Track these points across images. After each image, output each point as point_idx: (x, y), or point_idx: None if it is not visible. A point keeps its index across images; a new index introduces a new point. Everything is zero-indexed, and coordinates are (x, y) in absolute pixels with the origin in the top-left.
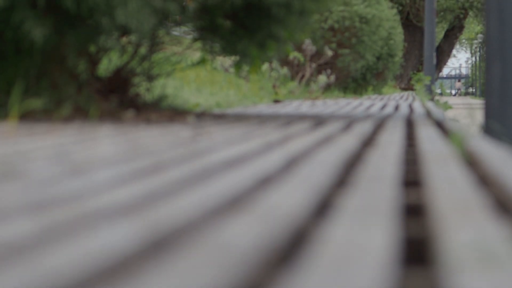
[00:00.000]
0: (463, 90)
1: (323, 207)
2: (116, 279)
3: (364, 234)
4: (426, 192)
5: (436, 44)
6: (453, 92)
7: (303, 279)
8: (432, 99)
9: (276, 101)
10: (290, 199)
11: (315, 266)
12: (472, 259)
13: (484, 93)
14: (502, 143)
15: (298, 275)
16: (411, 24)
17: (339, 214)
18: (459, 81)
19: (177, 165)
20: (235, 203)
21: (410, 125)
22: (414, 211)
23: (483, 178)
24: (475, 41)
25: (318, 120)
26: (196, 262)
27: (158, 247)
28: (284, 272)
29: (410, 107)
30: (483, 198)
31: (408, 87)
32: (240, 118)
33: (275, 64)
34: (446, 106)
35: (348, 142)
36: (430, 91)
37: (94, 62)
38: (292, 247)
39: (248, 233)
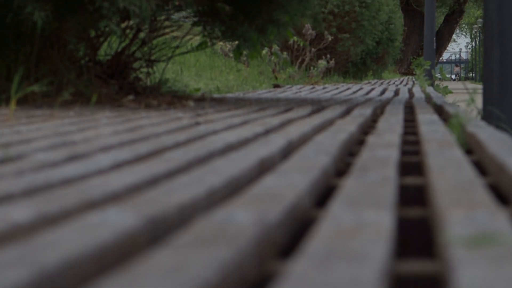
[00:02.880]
0: (463, 75)
1: (321, 190)
2: (125, 256)
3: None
4: (426, 175)
5: (436, 28)
6: (453, 77)
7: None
8: (432, 84)
9: (276, 86)
10: (288, 182)
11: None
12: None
13: (483, 78)
14: (501, 128)
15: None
16: (411, 9)
17: (336, 199)
18: (457, 66)
19: (177, 149)
20: (235, 185)
21: (409, 110)
22: (414, 194)
23: (481, 161)
24: (475, 26)
25: (318, 105)
26: (199, 238)
27: (163, 226)
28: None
29: (410, 92)
30: (481, 180)
31: (408, 72)
32: (239, 102)
33: (275, 48)
34: (446, 91)
35: (348, 127)
36: (430, 75)
37: (94, 47)
38: (289, 227)
39: (247, 213)
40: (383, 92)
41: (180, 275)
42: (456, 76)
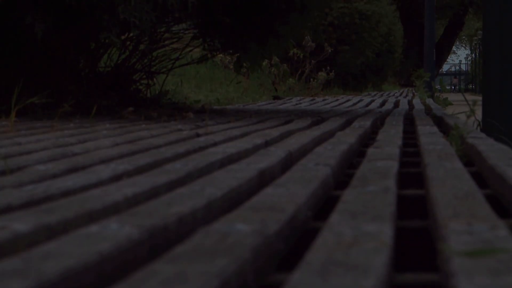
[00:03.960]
0: (462, 86)
1: (321, 202)
2: (125, 267)
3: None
4: (426, 186)
5: (436, 40)
6: (452, 87)
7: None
8: (432, 96)
9: (276, 98)
10: (288, 194)
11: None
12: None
13: (483, 90)
14: (500, 139)
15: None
16: (411, 21)
17: (335, 212)
18: (455, 77)
19: (178, 161)
20: (235, 197)
21: (409, 122)
22: (414, 205)
23: (481, 173)
24: (475, 38)
25: (318, 117)
26: (199, 249)
27: (163, 237)
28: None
29: (410, 104)
30: (480, 190)
31: (408, 84)
32: (239, 114)
33: (275, 60)
34: (446, 103)
35: (348, 138)
36: (430, 87)
37: (94, 58)
38: (289, 238)
39: (247, 224)
40: (383, 104)
41: (181, 285)
42: (454, 87)
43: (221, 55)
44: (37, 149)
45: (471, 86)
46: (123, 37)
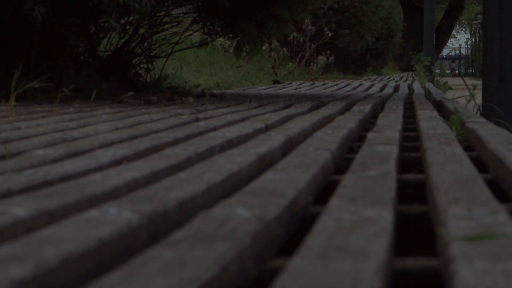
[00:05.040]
0: (462, 71)
1: (321, 187)
2: (125, 251)
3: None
4: (426, 171)
5: (436, 24)
6: (448, 72)
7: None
8: (431, 80)
9: (276, 82)
10: (288, 179)
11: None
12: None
13: (483, 74)
14: (500, 124)
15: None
16: (411, 5)
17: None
18: (453, 62)
19: (177, 145)
20: (235, 181)
21: (409, 106)
22: (414, 190)
23: (481, 157)
24: (475, 22)
25: (318, 101)
26: (199, 234)
27: (163, 222)
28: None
29: (410, 88)
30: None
31: (408, 68)
32: (239, 98)
33: (275, 44)
34: (446, 87)
35: (347, 123)
36: (429, 71)
37: (94, 43)
38: (289, 222)
39: (247, 209)
40: (383, 88)
41: (180, 270)
42: (452, 71)
43: (221, 39)
44: (36, 133)
45: (471, 71)
46: (122, 21)
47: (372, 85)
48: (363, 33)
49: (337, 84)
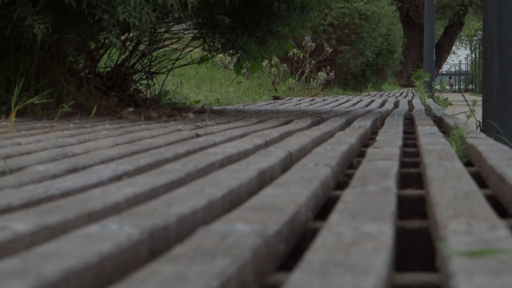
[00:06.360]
0: (462, 87)
1: (321, 202)
2: (125, 267)
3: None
4: (426, 186)
5: (436, 40)
6: (447, 87)
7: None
8: (431, 96)
9: (276, 98)
10: (288, 194)
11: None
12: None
13: (483, 90)
14: (500, 140)
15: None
16: (411, 21)
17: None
18: (450, 78)
19: (178, 161)
20: (235, 197)
21: (409, 122)
22: (414, 205)
23: (481, 173)
24: (475, 38)
25: (318, 117)
26: (199, 249)
27: (163, 237)
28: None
29: (410, 104)
30: (480, 190)
31: (408, 84)
32: (239, 114)
33: (275, 60)
34: (446, 103)
35: (347, 139)
36: (430, 87)
37: (94, 59)
38: (289, 237)
39: (247, 224)
40: (382, 104)
41: (180, 285)
42: (450, 87)
43: (221, 55)
44: (37, 149)
45: (471, 86)
46: (123, 38)
47: (372, 101)
48: (363, 49)
49: (337, 100)
